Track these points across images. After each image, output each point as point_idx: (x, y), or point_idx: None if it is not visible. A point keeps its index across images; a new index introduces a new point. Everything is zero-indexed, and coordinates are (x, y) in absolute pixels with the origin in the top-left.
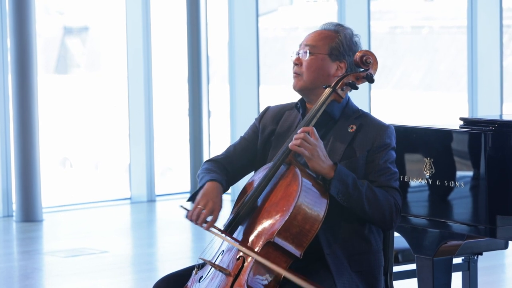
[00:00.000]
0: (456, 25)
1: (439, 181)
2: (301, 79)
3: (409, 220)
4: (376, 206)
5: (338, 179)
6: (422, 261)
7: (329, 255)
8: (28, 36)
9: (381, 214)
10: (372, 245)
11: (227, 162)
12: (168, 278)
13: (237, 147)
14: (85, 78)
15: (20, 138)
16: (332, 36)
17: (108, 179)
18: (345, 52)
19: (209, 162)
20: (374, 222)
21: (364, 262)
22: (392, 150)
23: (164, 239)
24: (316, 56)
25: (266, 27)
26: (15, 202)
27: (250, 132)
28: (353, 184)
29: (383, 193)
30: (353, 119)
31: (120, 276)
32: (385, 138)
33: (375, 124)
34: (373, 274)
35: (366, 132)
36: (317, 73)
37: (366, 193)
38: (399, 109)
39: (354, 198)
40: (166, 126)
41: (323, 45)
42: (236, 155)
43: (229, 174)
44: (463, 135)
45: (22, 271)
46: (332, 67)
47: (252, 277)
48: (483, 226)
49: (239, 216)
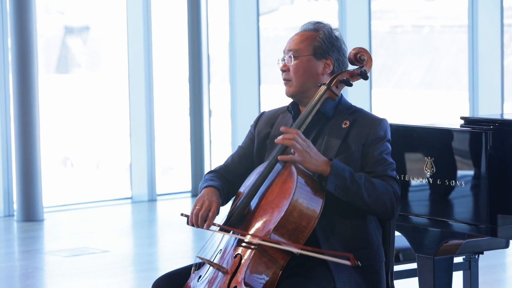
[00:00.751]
0: (457, 24)
1: (440, 180)
2: (291, 84)
3: (410, 219)
4: (375, 197)
5: (334, 174)
6: (423, 260)
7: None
8: (29, 35)
9: (382, 204)
10: (372, 240)
11: (226, 171)
12: (167, 276)
13: (235, 156)
14: (86, 77)
15: (21, 138)
16: (312, 36)
17: (109, 178)
18: (329, 49)
19: (208, 174)
20: (376, 212)
21: (364, 258)
22: (387, 142)
23: (165, 238)
24: (301, 59)
25: (267, 26)
26: (16, 201)
27: (246, 140)
28: (351, 177)
29: (381, 183)
30: (346, 115)
31: (121, 276)
32: (379, 131)
33: (368, 118)
34: (374, 269)
35: (360, 127)
36: (306, 75)
37: (364, 185)
38: (400, 108)
39: (353, 191)
40: (167, 126)
41: (306, 47)
42: (235, 164)
43: (229, 182)
44: (464, 134)
45: (23, 270)
46: (319, 66)
47: (250, 275)
48: (484, 225)
49: (235, 215)
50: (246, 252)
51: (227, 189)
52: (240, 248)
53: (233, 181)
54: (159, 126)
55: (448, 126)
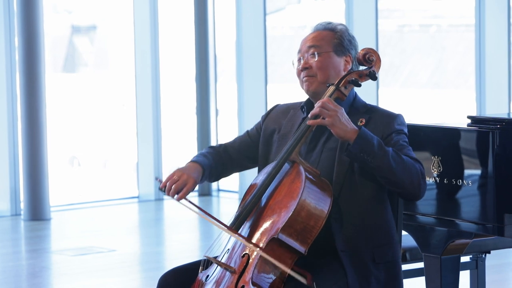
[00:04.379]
0: (464, 24)
1: (446, 180)
2: (315, 80)
3: (416, 219)
4: (403, 168)
5: (361, 137)
6: (430, 259)
7: (343, 252)
8: (36, 35)
9: (409, 176)
10: (393, 236)
11: (224, 151)
12: (174, 271)
13: (237, 140)
14: (93, 76)
15: (28, 137)
16: (330, 34)
17: (116, 177)
18: (348, 46)
19: (208, 148)
20: (403, 185)
21: (388, 254)
22: (404, 135)
23: (172, 237)
24: (324, 55)
25: (274, 25)
26: (23, 200)
27: (253, 129)
28: (379, 144)
29: (409, 159)
30: (361, 113)
31: (128, 275)
32: (395, 125)
33: (384, 114)
34: (398, 265)
35: (376, 123)
36: (330, 71)
37: (392, 155)
38: (407, 108)
39: (380, 156)
40: (174, 125)
41: (327, 43)
42: (234, 148)
43: (223, 164)
44: (471, 133)
45: (30, 269)
46: (340, 63)
47: (257, 274)
48: (491, 225)
49: (244, 213)
50: (254, 251)
51: (217, 169)
52: (248, 247)
53: (227, 163)
54: (166, 125)
55: (455, 125)
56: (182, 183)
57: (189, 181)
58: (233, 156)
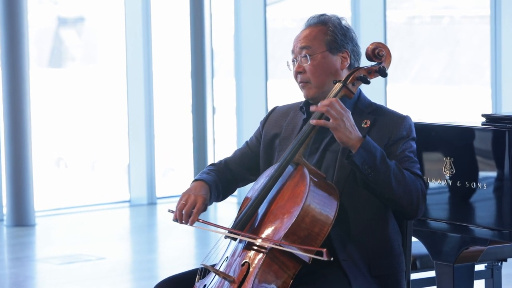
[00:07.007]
0: (479, 15)
1: (459, 182)
2: (311, 86)
3: (428, 224)
4: (404, 186)
5: (364, 148)
6: (442, 268)
7: (345, 261)
8: (20, 26)
9: (409, 196)
10: (394, 248)
11: (226, 166)
12: (169, 280)
13: (238, 153)
14: (81, 72)
15: (11, 137)
16: (322, 30)
17: (105, 180)
18: (343, 41)
19: (208, 166)
20: (401, 203)
21: (385, 267)
22: (411, 140)
23: (166, 244)
24: (317, 57)
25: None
26: (6, 205)
27: (253, 138)
28: (381, 157)
29: (411, 176)
30: (366, 114)
31: (118, 284)
32: (402, 130)
33: (390, 116)
34: (395, 279)
35: (381, 126)
36: (325, 74)
37: (394, 170)
38: (417, 105)
39: (381, 172)
40: (168, 124)
41: (319, 43)
42: (236, 161)
43: (227, 179)
44: (486, 132)
45: (13, 279)
46: (337, 61)
47: (258, 284)
48: (508, 231)
49: (244, 219)
50: (255, 259)
51: (222, 185)
52: (248, 255)
53: (231, 178)
54: (159, 124)
55: (469, 124)
56: (191, 205)
57: (198, 200)
58: (235, 170)
